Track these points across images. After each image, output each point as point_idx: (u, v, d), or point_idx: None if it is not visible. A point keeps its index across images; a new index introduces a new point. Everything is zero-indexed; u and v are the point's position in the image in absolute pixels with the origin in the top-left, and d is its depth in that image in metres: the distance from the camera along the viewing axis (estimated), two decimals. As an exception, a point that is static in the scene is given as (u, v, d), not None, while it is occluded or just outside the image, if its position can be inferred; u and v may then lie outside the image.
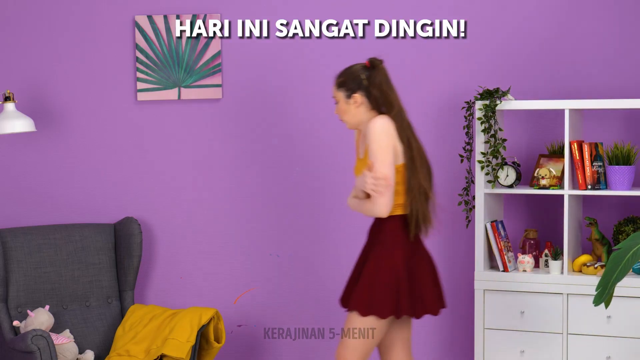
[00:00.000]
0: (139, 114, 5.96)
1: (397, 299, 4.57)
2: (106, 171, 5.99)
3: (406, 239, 4.62)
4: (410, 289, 4.61)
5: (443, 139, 5.71)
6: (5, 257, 5.50)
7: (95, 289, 5.71)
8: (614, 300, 5.11)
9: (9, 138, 6.01)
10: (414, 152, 4.60)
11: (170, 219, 5.97)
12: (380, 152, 4.53)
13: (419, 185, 4.61)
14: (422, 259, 4.67)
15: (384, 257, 4.59)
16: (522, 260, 5.33)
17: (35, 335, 5.03)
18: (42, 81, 5.99)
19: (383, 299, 4.56)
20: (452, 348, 5.76)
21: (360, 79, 4.65)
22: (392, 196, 4.56)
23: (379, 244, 4.63)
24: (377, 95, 4.64)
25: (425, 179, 4.62)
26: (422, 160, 4.63)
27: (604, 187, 5.26)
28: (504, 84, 5.63)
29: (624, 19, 5.48)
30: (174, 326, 5.36)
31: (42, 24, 5.97)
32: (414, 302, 4.63)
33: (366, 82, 4.64)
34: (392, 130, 4.56)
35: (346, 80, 4.68)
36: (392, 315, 4.57)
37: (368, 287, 4.58)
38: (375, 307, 4.56)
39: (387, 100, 4.64)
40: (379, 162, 4.53)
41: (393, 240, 4.61)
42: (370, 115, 4.68)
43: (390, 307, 4.56)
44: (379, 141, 4.53)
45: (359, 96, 4.66)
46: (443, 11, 5.68)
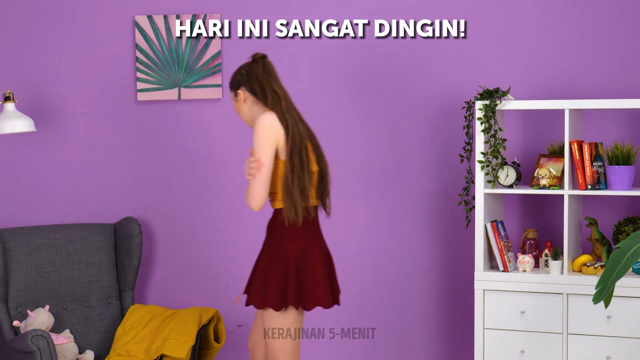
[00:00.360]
0: (139, 114, 5.96)
1: (285, 290, 4.63)
2: (106, 171, 5.99)
3: (297, 231, 4.66)
4: (300, 280, 4.65)
5: (443, 139, 5.71)
6: (5, 257, 5.50)
7: (95, 289, 5.71)
8: (614, 300, 5.11)
9: (9, 138, 6.01)
10: (298, 147, 4.63)
11: (170, 219, 5.97)
12: (259, 144, 4.58)
13: (297, 180, 4.62)
14: (315, 251, 4.70)
15: (274, 249, 4.66)
16: (522, 260, 5.33)
17: (35, 335, 5.03)
18: (42, 81, 5.99)
19: (274, 291, 4.62)
20: (452, 348, 5.76)
21: (241, 74, 4.75)
22: (266, 188, 4.59)
23: (270, 236, 4.69)
24: (258, 89, 4.69)
25: (306, 175, 4.64)
26: (305, 156, 4.65)
27: (604, 187, 5.26)
28: (504, 84, 5.63)
29: (624, 19, 5.48)
30: (174, 326, 5.35)
31: (42, 24, 5.97)
32: (302, 295, 4.65)
33: (246, 77, 4.71)
34: (275, 125, 4.60)
35: (233, 78, 4.78)
36: (284, 307, 4.63)
37: (262, 280, 4.65)
38: (269, 299, 4.62)
39: (271, 94, 4.69)
40: (256, 149, 4.59)
41: (283, 232, 4.65)
42: (260, 110, 4.73)
43: (279, 298, 4.63)
44: (261, 135, 4.58)
45: (241, 92, 4.74)
46: (443, 11, 5.68)
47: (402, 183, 5.75)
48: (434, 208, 5.73)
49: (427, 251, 5.75)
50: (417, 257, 5.76)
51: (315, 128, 5.82)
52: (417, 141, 5.73)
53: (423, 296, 5.77)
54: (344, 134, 5.81)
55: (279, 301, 4.63)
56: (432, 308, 5.76)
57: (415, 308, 5.78)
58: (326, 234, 5.84)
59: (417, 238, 5.75)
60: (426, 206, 5.73)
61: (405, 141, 5.75)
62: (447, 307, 5.75)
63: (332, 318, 5.87)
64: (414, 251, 5.76)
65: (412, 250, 5.76)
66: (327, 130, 5.82)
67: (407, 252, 5.77)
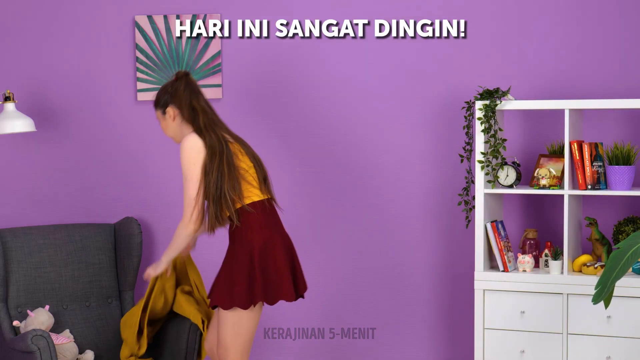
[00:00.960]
0: (139, 114, 5.96)
1: (252, 287, 4.75)
2: (106, 171, 5.99)
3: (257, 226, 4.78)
4: (264, 275, 4.77)
5: (443, 139, 5.71)
6: (5, 257, 5.50)
7: (95, 289, 5.71)
8: (614, 300, 5.11)
9: (9, 138, 6.01)
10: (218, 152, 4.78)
11: (170, 219, 5.97)
12: (187, 165, 4.78)
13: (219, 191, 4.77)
14: (277, 244, 4.81)
15: (237, 248, 4.77)
16: (522, 260, 5.33)
17: (35, 335, 5.03)
18: (42, 81, 5.99)
19: (240, 290, 4.73)
20: (452, 348, 5.76)
21: (168, 92, 4.90)
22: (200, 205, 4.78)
23: (232, 238, 4.81)
24: (184, 106, 4.86)
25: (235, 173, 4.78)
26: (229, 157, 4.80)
27: (604, 187, 5.26)
28: (504, 84, 5.63)
29: (624, 19, 5.48)
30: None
31: (43, 24, 5.97)
32: (267, 289, 4.78)
33: (172, 94, 4.88)
34: (198, 143, 4.78)
35: (159, 97, 4.93)
36: (252, 305, 4.75)
37: (227, 281, 4.77)
38: (236, 299, 4.74)
39: (195, 111, 4.86)
40: (185, 170, 4.79)
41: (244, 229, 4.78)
42: (187, 129, 4.90)
43: (247, 296, 4.75)
44: (187, 157, 4.77)
45: (171, 109, 4.89)
46: (443, 11, 5.68)
47: (402, 183, 5.75)
48: (434, 208, 5.73)
49: (427, 251, 5.75)
50: (417, 257, 5.76)
51: (315, 128, 5.82)
52: (417, 141, 5.73)
53: (423, 296, 5.77)
54: (343, 134, 5.81)
55: (247, 299, 4.75)
56: (432, 308, 5.76)
57: (415, 308, 5.78)
58: (326, 234, 5.85)
59: (417, 238, 5.75)
60: (426, 206, 5.73)
61: (405, 141, 5.75)
62: (447, 307, 5.75)
63: (332, 318, 5.87)
64: (414, 251, 5.76)
65: (412, 250, 5.76)
66: (327, 130, 5.82)
67: (407, 252, 5.77)
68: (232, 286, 4.77)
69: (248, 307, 4.76)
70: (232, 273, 4.78)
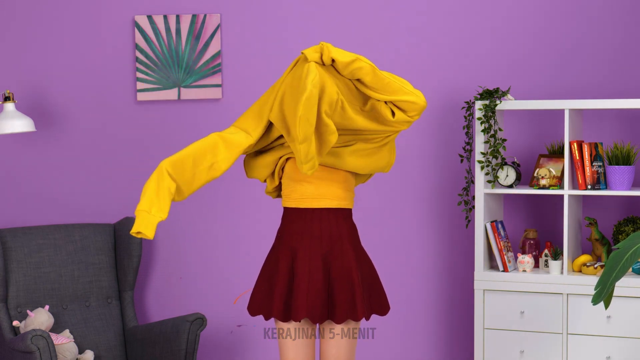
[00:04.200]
0: (139, 114, 5.96)
1: (270, 299, 4.46)
2: (106, 171, 5.99)
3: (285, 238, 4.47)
4: (297, 290, 4.42)
5: (443, 139, 5.71)
6: (5, 257, 5.50)
7: (95, 289, 5.71)
8: (614, 300, 5.11)
9: (9, 138, 6.01)
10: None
11: (170, 219, 5.97)
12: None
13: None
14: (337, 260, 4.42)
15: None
16: (522, 260, 5.33)
17: (35, 335, 5.03)
18: (42, 81, 5.99)
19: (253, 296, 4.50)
20: (452, 348, 5.76)
21: None
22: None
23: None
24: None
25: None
26: None
27: (604, 187, 5.26)
28: (504, 84, 5.63)
29: (624, 19, 5.48)
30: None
31: (42, 24, 5.98)
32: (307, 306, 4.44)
33: None
34: None
35: None
36: (262, 314, 4.49)
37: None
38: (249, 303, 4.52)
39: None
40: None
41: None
42: None
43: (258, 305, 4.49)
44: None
45: None
46: (443, 11, 5.68)
47: (402, 183, 5.75)
48: (434, 208, 5.73)
49: (427, 251, 5.75)
50: (417, 257, 5.76)
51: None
52: (417, 141, 5.73)
53: (423, 296, 5.77)
54: (343, 134, 5.82)
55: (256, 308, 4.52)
56: (432, 308, 5.76)
57: (415, 308, 5.78)
58: (326, 234, 5.84)
59: (417, 238, 5.75)
60: (426, 206, 5.74)
61: (405, 141, 5.75)
62: (447, 307, 5.75)
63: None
64: (413, 251, 5.76)
65: (412, 250, 5.77)
66: (327, 130, 5.83)
67: (407, 252, 5.77)
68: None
69: (255, 314, 4.54)
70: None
